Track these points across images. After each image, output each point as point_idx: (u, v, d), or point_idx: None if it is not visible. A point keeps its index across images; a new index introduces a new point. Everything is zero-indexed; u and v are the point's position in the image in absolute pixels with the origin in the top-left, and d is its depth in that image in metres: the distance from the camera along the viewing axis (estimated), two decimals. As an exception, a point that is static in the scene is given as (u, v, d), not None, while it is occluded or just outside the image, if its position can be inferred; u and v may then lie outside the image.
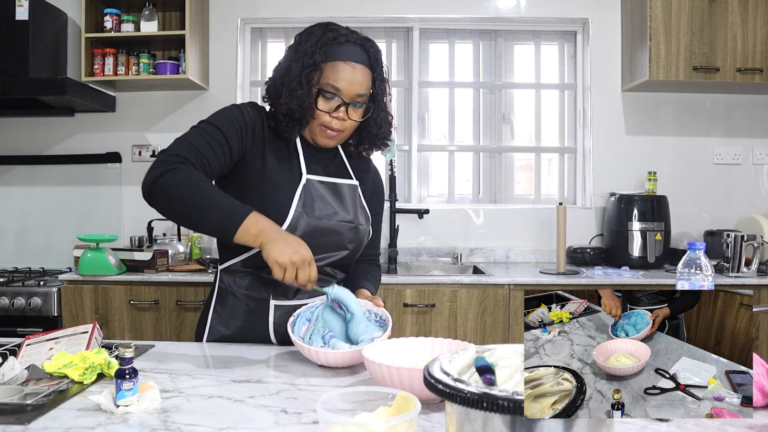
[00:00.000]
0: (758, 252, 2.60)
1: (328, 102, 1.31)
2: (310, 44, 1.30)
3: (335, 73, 1.30)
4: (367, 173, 1.53)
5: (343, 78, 1.30)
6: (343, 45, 1.31)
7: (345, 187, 1.42)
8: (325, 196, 1.37)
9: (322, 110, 1.31)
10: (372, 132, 1.42)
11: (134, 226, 3.13)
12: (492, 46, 3.31)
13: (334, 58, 1.30)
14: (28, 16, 2.76)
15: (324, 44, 1.30)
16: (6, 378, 0.99)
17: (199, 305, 2.51)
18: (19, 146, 3.19)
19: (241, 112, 1.33)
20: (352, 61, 1.31)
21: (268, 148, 1.34)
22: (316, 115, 1.32)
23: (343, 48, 1.31)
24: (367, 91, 1.34)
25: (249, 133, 1.32)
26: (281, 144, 1.37)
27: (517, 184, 3.34)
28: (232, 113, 1.32)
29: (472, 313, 2.51)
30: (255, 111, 1.36)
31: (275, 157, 1.34)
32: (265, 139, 1.34)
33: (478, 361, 0.66)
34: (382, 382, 0.94)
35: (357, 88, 1.31)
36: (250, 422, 0.85)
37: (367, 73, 1.34)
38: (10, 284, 2.60)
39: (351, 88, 1.31)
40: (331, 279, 1.40)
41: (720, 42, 2.80)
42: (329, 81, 1.30)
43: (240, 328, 1.37)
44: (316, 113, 1.31)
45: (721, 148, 3.17)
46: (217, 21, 3.18)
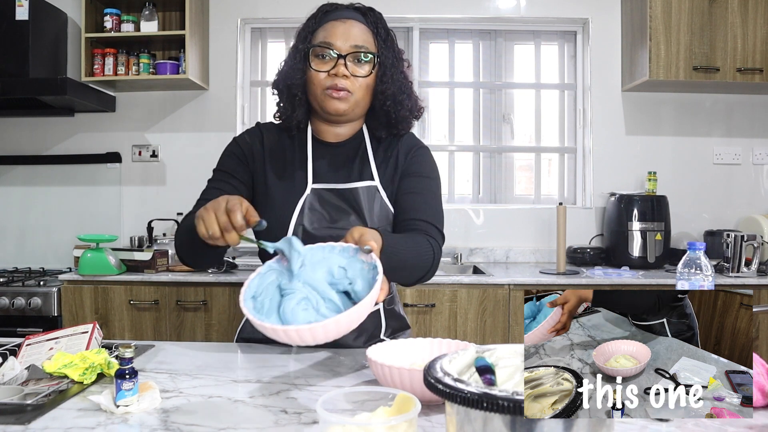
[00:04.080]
0: (758, 252, 2.60)
1: (322, 61, 1.22)
2: (304, 24, 1.29)
3: (326, 31, 1.23)
4: (395, 155, 1.32)
5: (334, 33, 1.22)
6: (334, 11, 1.27)
7: (359, 191, 1.27)
8: (330, 204, 1.27)
9: (317, 70, 1.22)
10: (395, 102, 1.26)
11: (134, 226, 3.13)
12: (492, 46, 3.31)
13: (326, 21, 1.25)
14: (28, 16, 2.76)
15: (317, 15, 1.28)
16: (6, 378, 0.99)
17: (199, 305, 2.51)
18: (19, 146, 3.19)
19: (236, 142, 1.33)
20: (343, 18, 1.24)
21: (269, 165, 1.30)
22: (313, 80, 1.23)
23: (334, 12, 1.27)
24: (370, 45, 1.24)
25: (248, 157, 1.31)
26: (288, 156, 1.31)
27: (517, 184, 3.34)
28: (229, 149, 1.33)
29: (472, 313, 2.51)
30: (250, 133, 1.34)
31: (277, 174, 1.29)
32: (265, 157, 1.30)
33: (478, 361, 0.66)
34: (383, 381, 0.94)
35: (353, 40, 1.22)
36: (250, 422, 0.85)
37: (365, 29, 1.25)
38: (10, 284, 2.59)
39: (346, 40, 1.21)
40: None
41: (720, 42, 2.80)
42: (320, 40, 1.23)
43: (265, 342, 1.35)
44: (312, 77, 1.23)
45: (721, 148, 3.17)
46: (217, 21, 3.18)
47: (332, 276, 0.95)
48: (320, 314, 0.90)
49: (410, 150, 1.33)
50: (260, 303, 0.93)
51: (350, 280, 0.95)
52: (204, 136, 3.15)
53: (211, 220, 0.94)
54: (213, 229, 0.94)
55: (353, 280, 0.94)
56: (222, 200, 0.96)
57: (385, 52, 1.27)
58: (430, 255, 1.20)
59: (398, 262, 1.08)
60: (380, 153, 1.33)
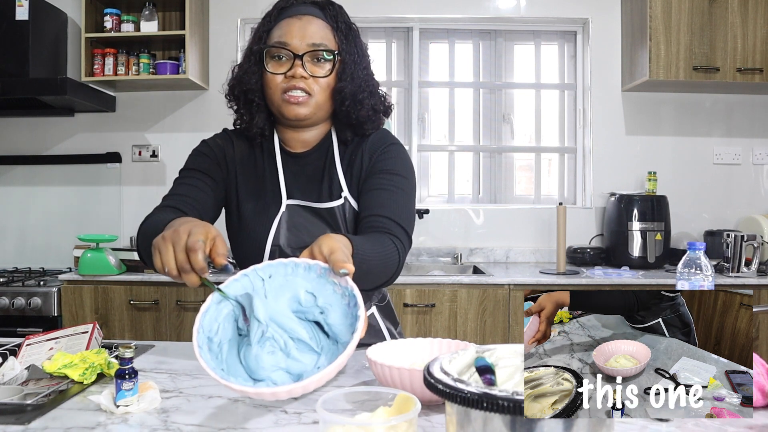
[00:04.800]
0: (758, 252, 2.60)
1: (278, 62, 1.14)
2: (261, 20, 1.20)
3: (282, 30, 1.14)
4: (359, 157, 1.22)
5: (289, 32, 1.13)
6: (290, 8, 1.17)
7: (335, 211, 1.19)
8: (307, 221, 1.19)
9: (273, 72, 1.13)
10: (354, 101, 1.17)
11: (134, 226, 3.12)
12: (492, 46, 3.31)
13: (281, 19, 1.16)
14: (28, 16, 2.76)
15: (272, 13, 1.19)
16: (6, 378, 0.99)
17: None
18: (19, 146, 3.19)
19: (207, 144, 1.26)
20: (299, 14, 1.15)
21: (241, 177, 1.22)
22: (269, 84, 1.14)
23: (289, 9, 1.17)
24: (329, 43, 1.15)
25: (221, 160, 1.23)
26: (258, 168, 1.23)
27: (517, 184, 3.34)
28: (198, 149, 1.26)
29: (472, 313, 2.51)
30: (221, 138, 1.27)
31: (248, 187, 1.22)
32: (237, 166, 1.23)
33: (478, 361, 0.66)
34: (383, 381, 0.94)
35: (310, 38, 1.13)
36: (250, 422, 0.85)
37: (324, 25, 1.16)
38: (10, 284, 2.60)
39: (302, 39, 1.12)
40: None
41: (720, 42, 2.80)
42: (274, 40, 1.14)
43: None
44: (268, 80, 1.14)
45: (721, 148, 3.17)
46: (217, 21, 3.18)
47: (299, 303, 0.83)
48: (291, 358, 0.79)
49: (377, 149, 1.21)
50: (218, 347, 0.81)
51: (321, 309, 0.82)
52: (204, 136, 3.11)
53: (168, 256, 0.80)
54: (169, 266, 0.81)
55: (325, 309, 0.82)
56: (183, 230, 0.81)
57: (346, 49, 1.17)
58: (395, 260, 1.07)
59: (365, 270, 0.95)
60: (346, 157, 1.23)
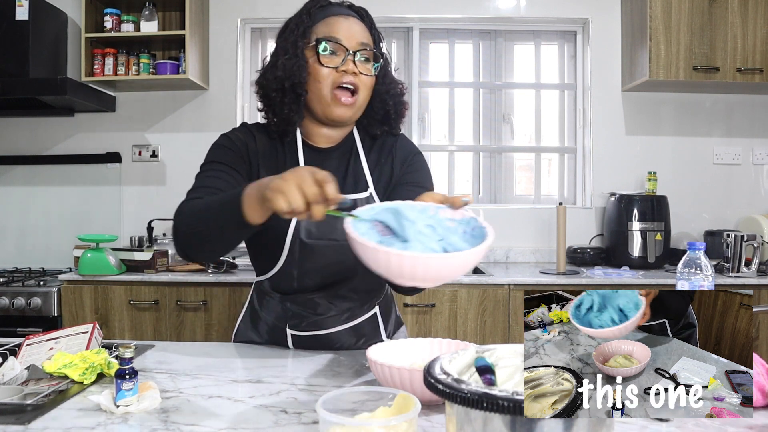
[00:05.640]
0: (758, 252, 2.60)
1: (330, 57, 1.17)
2: (292, 21, 1.22)
3: (329, 26, 1.18)
4: (388, 154, 1.29)
5: (339, 28, 1.17)
6: (330, 7, 1.22)
7: (357, 203, 1.20)
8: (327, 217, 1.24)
9: (327, 66, 1.16)
10: (391, 97, 1.25)
11: (134, 226, 3.13)
12: (492, 46, 3.31)
13: (324, 17, 1.19)
14: (28, 16, 2.76)
15: (309, 11, 1.21)
16: (6, 378, 0.99)
17: (199, 305, 2.51)
18: (19, 146, 3.19)
19: (227, 136, 1.25)
20: (344, 15, 1.20)
21: (263, 169, 1.23)
22: (320, 77, 1.17)
23: (330, 8, 1.21)
24: (371, 43, 1.21)
25: (244, 154, 1.23)
26: (279, 161, 1.24)
27: (517, 184, 3.34)
28: (221, 142, 1.25)
29: (472, 313, 2.51)
30: (242, 132, 1.26)
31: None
32: (259, 159, 1.23)
33: (478, 361, 0.66)
34: (383, 382, 0.94)
35: (359, 37, 1.18)
36: (250, 422, 0.85)
37: (365, 28, 1.21)
38: (10, 284, 2.60)
39: (353, 37, 1.17)
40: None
41: (720, 42, 2.80)
42: (324, 34, 1.17)
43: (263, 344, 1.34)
44: (319, 73, 1.17)
45: (721, 148, 3.17)
46: (217, 21, 3.18)
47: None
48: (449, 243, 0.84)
49: (407, 158, 1.30)
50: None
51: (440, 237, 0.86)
52: (204, 136, 3.15)
53: (295, 193, 0.84)
54: (297, 202, 0.84)
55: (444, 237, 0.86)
56: (304, 171, 0.86)
57: (379, 51, 1.24)
58: None
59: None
60: (373, 156, 1.29)
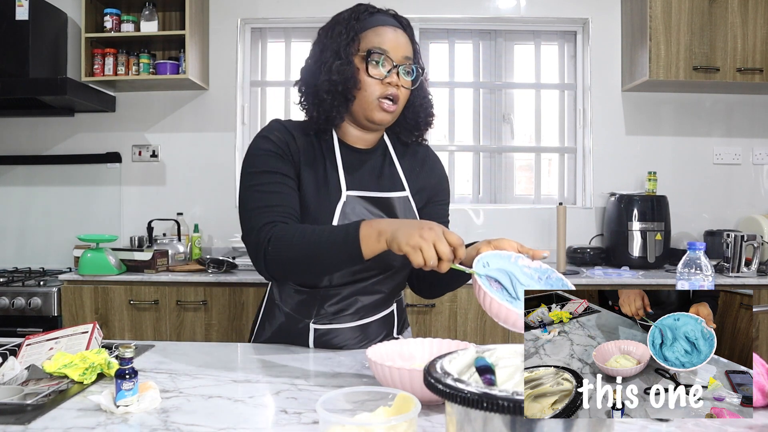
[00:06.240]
0: (758, 252, 2.60)
1: (377, 68, 1.21)
2: (341, 23, 1.23)
3: (378, 37, 1.21)
4: (421, 165, 1.37)
5: (388, 40, 1.21)
6: (377, 14, 1.25)
7: (394, 201, 1.28)
8: (367, 212, 1.24)
9: (374, 77, 1.20)
10: (423, 108, 1.32)
11: (134, 226, 3.13)
12: (492, 46, 3.31)
13: (373, 25, 1.23)
14: (28, 16, 2.76)
15: (357, 15, 1.23)
16: (6, 378, 0.99)
17: (199, 305, 2.51)
18: (19, 146, 3.19)
19: (269, 140, 1.23)
20: (391, 25, 1.24)
21: (303, 168, 1.24)
22: (366, 86, 1.21)
23: (378, 16, 1.24)
24: (412, 56, 1.26)
25: (288, 155, 1.23)
26: (318, 159, 1.26)
27: (517, 184, 3.34)
28: (265, 147, 1.22)
29: (472, 313, 2.50)
30: (280, 131, 1.25)
31: (310, 178, 1.24)
32: (300, 158, 1.24)
33: (478, 361, 0.66)
34: (383, 382, 0.94)
35: (403, 50, 1.23)
36: (250, 422, 0.85)
37: (409, 40, 1.26)
38: (10, 284, 2.60)
39: (398, 50, 1.22)
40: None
41: (720, 42, 2.80)
42: (374, 45, 1.21)
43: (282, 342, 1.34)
44: (366, 83, 1.21)
45: (721, 148, 3.17)
46: (217, 21, 3.18)
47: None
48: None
49: (441, 179, 1.40)
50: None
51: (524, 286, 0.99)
52: (204, 136, 3.15)
53: (431, 251, 0.98)
54: (433, 261, 0.98)
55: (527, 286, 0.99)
56: (439, 230, 1.00)
57: (418, 61, 1.29)
58: None
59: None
60: (406, 162, 1.35)
